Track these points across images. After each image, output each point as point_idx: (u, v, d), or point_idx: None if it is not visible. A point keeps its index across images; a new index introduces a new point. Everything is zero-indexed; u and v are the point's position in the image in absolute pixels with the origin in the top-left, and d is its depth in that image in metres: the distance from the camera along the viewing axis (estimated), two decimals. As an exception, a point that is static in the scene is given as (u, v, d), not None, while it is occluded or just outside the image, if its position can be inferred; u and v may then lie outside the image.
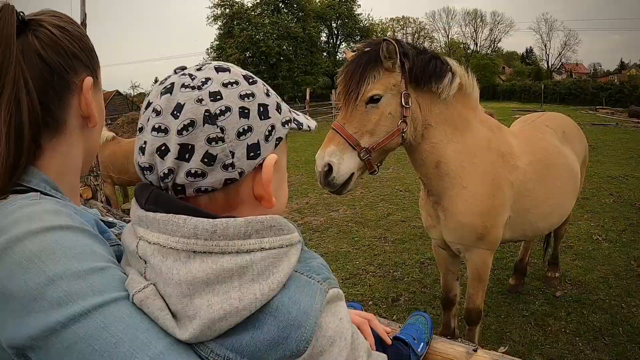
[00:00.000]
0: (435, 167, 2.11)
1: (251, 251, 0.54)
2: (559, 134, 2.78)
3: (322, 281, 0.58)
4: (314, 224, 5.85)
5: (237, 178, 0.57)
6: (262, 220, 0.56)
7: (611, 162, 8.35)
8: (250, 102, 0.58)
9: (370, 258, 4.45)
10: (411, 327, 1.14)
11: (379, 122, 1.87)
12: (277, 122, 0.61)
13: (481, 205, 2.17)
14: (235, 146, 0.56)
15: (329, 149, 1.83)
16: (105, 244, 0.67)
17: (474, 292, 2.42)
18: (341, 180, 1.84)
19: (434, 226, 2.38)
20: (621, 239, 4.39)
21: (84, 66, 0.76)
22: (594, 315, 3.03)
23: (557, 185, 2.52)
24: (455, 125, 2.10)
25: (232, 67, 0.62)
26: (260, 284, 0.52)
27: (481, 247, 2.27)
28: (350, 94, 1.84)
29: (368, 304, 3.51)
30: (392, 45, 1.81)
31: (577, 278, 3.61)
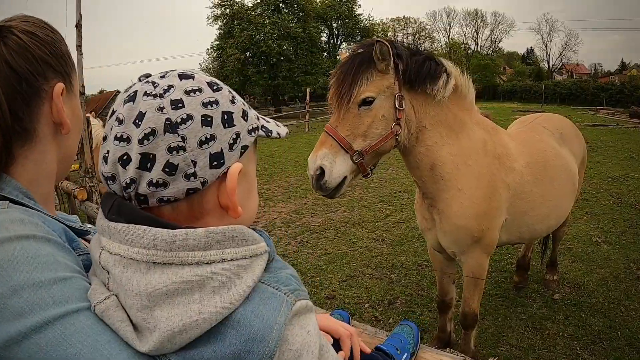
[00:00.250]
0: (430, 169, 2.08)
1: (212, 262, 0.53)
2: (557, 135, 2.75)
3: (290, 293, 0.57)
4: (311, 225, 5.82)
5: (199, 188, 0.56)
6: (224, 231, 0.55)
7: (611, 162, 8.30)
8: (214, 109, 0.57)
9: (368, 260, 4.42)
10: (396, 337, 1.11)
11: (372, 124, 1.84)
12: (243, 130, 0.60)
13: (477, 207, 2.14)
14: (197, 155, 0.54)
15: (320, 152, 1.80)
16: (72, 254, 0.66)
17: (470, 295, 2.39)
18: (333, 184, 1.81)
19: (430, 229, 2.35)
20: (620, 241, 4.36)
21: (54, 72, 0.74)
22: (592, 319, 2.99)
23: (555, 187, 2.48)
24: (451, 127, 2.07)
25: (197, 74, 0.60)
26: (222, 296, 0.52)
27: (477, 250, 2.24)
28: (343, 96, 1.81)
29: (364, 307, 3.48)
30: (385, 46, 1.78)
31: (575, 280, 3.58)
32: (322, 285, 3.97)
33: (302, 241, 5.26)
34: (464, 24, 60.00)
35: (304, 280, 4.12)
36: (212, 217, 0.60)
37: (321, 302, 3.65)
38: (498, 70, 43.02)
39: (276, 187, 8.45)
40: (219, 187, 0.58)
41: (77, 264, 0.65)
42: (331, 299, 3.69)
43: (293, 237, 5.47)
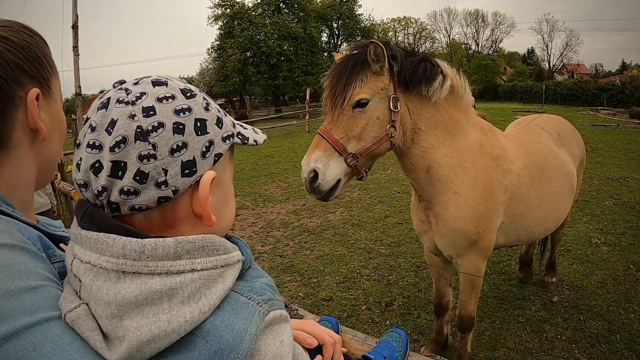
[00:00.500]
0: (426, 172, 2.06)
1: (181, 272, 0.52)
2: (555, 136, 2.73)
3: (263, 302, 0.57)
4: (310, 226, 5.80)
5: (170, 196, 0.55)
6: (193, 241, 0.54)
7: (612, 163, 8.26)
8: (186, 117, 0.56)
9: (366, 261, 4.40)
10: (384, 345, 1.09)
11: (366, 127, 1.82)
12: (217, 138, 0.59)
13: (473, 210, 2.12)
14: (168, 163, 0.54)
15: (314, 154, 1.78)
16: (45, 262, 0.65)
17: (467, 298, 2.37)
18: (327, 186, 1.79)
19: (426, 232, 2.33)
20: (620, 243, 4.33)
21: (29, 77, 0.72)
22: (591, 322, 2.96)
23: (553, 189, 2.46)
24: (447, 129, 2.05)
25: (171, 80, 0.60)
26: (191, 306, 0.51)
27: (474, 253, 2.22)
28: (337, 98, 1.79)
29: (361, 309, 3.46)
30: (379, 48, 1.76)
31: (574, 283, 3.55)
32: (320, 287, 3.95)
33: (300, 242, 5.24)
34: (465, 24, 59.98)
35: (301, 282, 4.11)
36: (185, 225, 0.59)
37: (318, 304, 3.63)
38: (499, 70, 42.96)
39: (275, 187, 8.43)
40: (192, 196, 0.58)
41: (50, 272, 0.64)
42: (328, 301, 3.67)
43: (291, 238, 5.44)
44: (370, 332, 3.13)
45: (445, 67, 2.00)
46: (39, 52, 0.75)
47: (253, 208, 7.13)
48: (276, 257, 4.84)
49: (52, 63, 0.79)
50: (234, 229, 6.15)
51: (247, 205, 7.32)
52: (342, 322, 3.27)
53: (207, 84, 38.50)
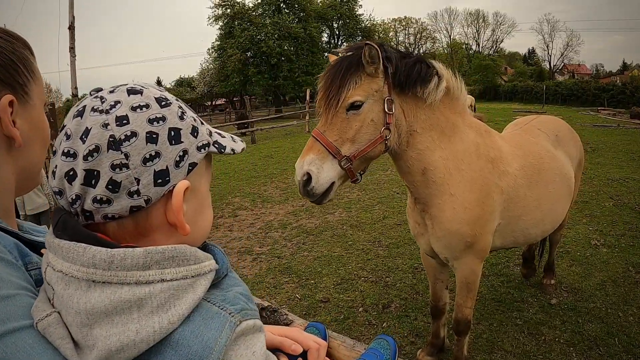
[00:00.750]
0: (422, 174, 2.04)
1: (150, 282, 0.53)
2: (552, 137, 2.71)
3: (235, 312, 0.57)
4: (308, 227, 5.78)
5: (143, 206, 0.56)
6: (163, 251, 0.55)
7: (612, 164, 8.23)
8: (160, 126, 0.57)
9: (363, 262, 4.38)
10: (372, 352, 1.07)
11: (361, 129, 1.80)
12: (191, 147, 0.59)
13: (470, 212, 2.10)
14: (140, 173, 0.55)
15: (308, 157, 1.76)
16: (20, 270, 0.65)
17: (463, 301, 2.35)
18: (321, 189, 1.77)
19: (422, 234, 2.32)
20: (620, 244, 4.30)
21: (2, 84, 0.71)
22: (590, 325, 2.94)
23: (550, 191, 2.44)
24: (442, 131, 2.03)
25: (146, 89, 0.60)
26: (160, 316, 0.52)
27: (470, 256, 2.20)
28: (331, 100, 1.77)
29: (358, 311, 3.44)
30: (374, 49, 1.74)
31: (573, 285, 3.52)
32: (317, 289, 3.93)
33: (298, 243, 5.22)
34: (466, 25, 59.98)
35: (298, 283, 4.09)
36: (160, 235, 0.59)
37: (315, 306, 3.61)
38: (499, 70, 42.90)
39: (274, 188, 8.41)
40: (165, 205, 0.58)
41: (25, 280, 0.63)
42: (325, 303, 3.65)
43: (289, 239, 5.42)
44: (367, 334, 3.11)
45: (441, 68, 1.98)
46: (14, 57, 0.73)
47: (252, 209, 7.11)
48: (274, 258, 4.82)
49: (31, 67, 0.77)
50: (232, 230, 6.13)
51: (246, 206, 7.30)
52: (339, 324, 3.27)
53: (207, 84, 38.51)
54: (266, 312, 1.47)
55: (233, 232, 6.01)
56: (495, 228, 2.26)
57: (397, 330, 3.09)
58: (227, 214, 6.92)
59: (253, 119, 18.15)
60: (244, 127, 17.85)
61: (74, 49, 4.19)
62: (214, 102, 49.00)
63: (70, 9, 4.19)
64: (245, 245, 5.42)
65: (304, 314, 3.51)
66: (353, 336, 3.10)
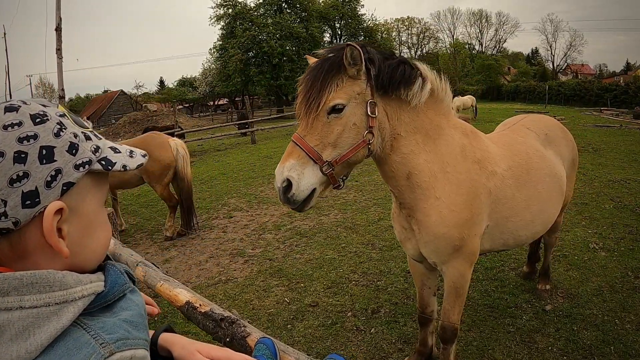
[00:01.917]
0: (407, 178, 1.98)
1: (9, 309, 0.51)
2: (542, 136, 2.65)
3: (110, 342, 0.54)
4: (302, 229, 5.69)
5: (12, 228, 0.54)
6: (21, 277, 0.52)
7: (613, 165, 8.09)
8: (30, 145, 0.54)
9: (355, 266, 4.28)
10: None
11: (343, 133, 1.73)
12: (67, 166, 0.57)
13: (457, 216, 2.04)
14: (7, 194, 0.52)
15: (288, 163, 1.69)
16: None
17: (450, 307, 2.26)
18: (301, 196, 1.70)
19: (409, 239, 2.24)
20: (619, 248, 4.18)
21: None
22: (585, 332, 2.83)
23: (539, 191, 2.38)
24: (427, 134, 1.97)
25: (24, 105, 0.56)
26: (19, 345, 0.50)
27: (459, 260, 2.13)
28: (311, 104, 1.70)
29: (347, 315, 3.35)
30: (356, 50, 1.67)
31: (569, 290, 3.41)
32: (306, 292, 3.84)
33: (291, 245, 5.14)
34: (469, 24, 59.76)
35: (288, 286, 4.00)
36: (41, 257, 0.57)
37: (303, 310, 3.52)
38: (502, 70, 42.66)
39: (271, 189, 8.33)
40: (41, 227, 0.55)
41: None
42: (314, 307, 3.56)
43: (282, 241, 5.34)
44: (354, 340, 3.02)
45: (425, 70, 1.93)
46: None
47: (247, 210, 7.03)
48: (265, 261, 4.74)
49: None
50: (226, 231, 6.05)
51: (242, 207, 7.23)
52: (326, 330, 3.18)
53: (209, 84, 38.53)
54: (225, 323, 1.41)
55: (227, 234, 5.94)
56: (483, 230, 2.19)
57: (384, 337, 3.00)
58: (222, 215, 6.85)
59: (253, 119, 18.07)
60: (244, 127, 17.76)
61: (60, 50, 4.13)
62: (217, 102, 49.04)
63: (57, 11, 4.12)
64: (238, 247, 5.34)
65: (291, 319, 3.42)
66: (340, 342, 3.01)
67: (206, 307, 1.59)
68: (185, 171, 5.93)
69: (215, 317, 1.48)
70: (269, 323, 3.40)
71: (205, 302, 1.64)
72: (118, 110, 49.59)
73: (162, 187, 5.89)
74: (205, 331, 1.54)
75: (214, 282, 4.37)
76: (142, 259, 2.39)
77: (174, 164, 5.85)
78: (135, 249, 5.81)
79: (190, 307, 1.66)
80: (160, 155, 5.80)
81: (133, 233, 6.54)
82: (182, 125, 22.98)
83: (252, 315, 3.55)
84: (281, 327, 3.32)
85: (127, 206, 8.58)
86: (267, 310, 3.62)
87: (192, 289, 4.43)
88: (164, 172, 5.84)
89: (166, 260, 5.21)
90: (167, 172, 5.86)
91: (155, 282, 2.03)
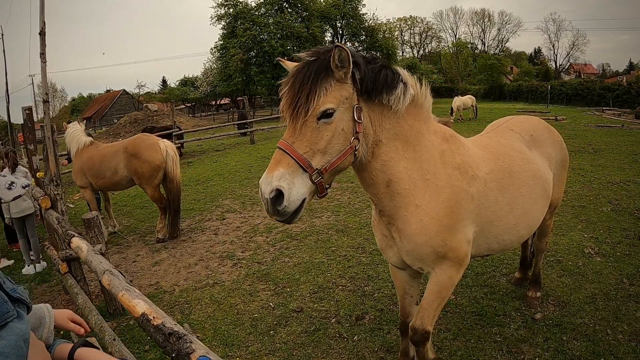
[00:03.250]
0: (386, 186, 1.91)
1: None
2: (526, 137, 2.57)
3: None
4: (293, 232, 5.60)
5: None
6: None
7: (613, 166, 7.94)
8: None
9: (344, 270, 4.19)
10: None
11: (332, 139, 1.64)
12: None
13: (437, 223, 1.97)
14: None
15: (277, 172, 1.56)
16: None
17: (428, 306, 2.15)
18: (292, 207, 1.59)
19: (390, 246, 2.17)
20: (615, 253, 4.06)
21: None
22: (575, 342, 2.72)
23: (522, 194, 2.31)
24: (407, 140, 1.90)
25: None
26: None
27: (446, 264, 2.07)
28: (299, 108, 1.59)
29: (330, 322, 3.26)
30: (344, 52, 1.57)
31: (561, 298, 3.30)
32: (292, 297, 3.75)
33: (280, 248, 5.05)
34: (471, 24, 59.44)
35: (274, 291, 3.92)
36: None
37: (287, 315, 3.44)
38: (504, 70, 42.36)
39: (265, 189, 8.24)
40: None
41: None
42: (298, 312, 3.47)
43: (272, 244, 5.25)
44: (336, 347, 2.93)
45: (405, 75, 1.86)
46: None
47: (240, 212, 6.95)
48: (254, 264, 4.66)
49: None
50: (218, 233, 5.96)
51: (235, 209, 7.15)
52: (309, 336, 3.09)
53: (210, 83, 38.52)
54: (173, 338, 1.35)
55: (218, 236, 5.86)
56: (472, 235, 2.13)
57: (367, 345, 2.91)
58: (215, 217, 6.78)
59: (253, 119, 18.00)
60: (244, 127, 17.68)
61: (44, 54, 4.05)
62: (219, 102, 49.03)
63: (41, 15, 4.05)
64: (228, 249, 5.26)
65: (275, 324, 3.34)
66: (321, 349, 2.92)
67: (159, 320, 1.51)
68: (175, 173, 5.86)
69: (165, 331, 1.41)
70: (252, 329, 3.32)
71: (159, 314, 1.56)
72: (120, 110, 49.70)
73: (152, 189, 5.82)
74: (157, 344, 1.46)
75: (201, 285, 4.29)
76: (109, 267, 2.31)
77: (164, 165, 5.78)
78: (127, 251, 5.75)
79: (144, 319, 1.59)
80: (150, 157, 5.73)
81: (126, 235, 6.47)
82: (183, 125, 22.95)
83: (235, 321, 3.47)
84: (263, 333, 3.23)
85: (123, 207, 8.53)
86: (251, 315, 3.54)
87: (180, 292, 4.37)
88: (153, 174, 5.77)
89: (156, 262, 5.14)
90: (157, 173, 5.79)
91: (118, 291, 1.95)
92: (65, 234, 3.45)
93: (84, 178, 6.09)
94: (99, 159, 5.99)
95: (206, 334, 3.33)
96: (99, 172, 5.94)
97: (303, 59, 1.69)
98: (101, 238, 3.85)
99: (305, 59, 1.68)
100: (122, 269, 5.05)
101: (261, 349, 3.04)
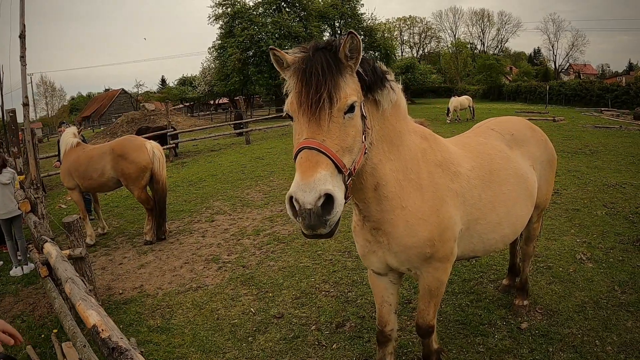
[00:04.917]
0: (374, 190, 1.82)
1: None
2: (507, 137, 2.53)
3: None
4: (281, 234, 5.50)
5: None
6: None
7: (610, 168, 7.84)
8: None
9: (328, 275, 4.09)
10: None
11: (356, 135, 1.48)
12: None
13: (424, 223, 1.91)
14: None
15: (318, 174, 1.30)
16: None
17: (425, 307, 2.19)
18: (339, 216, 1.34)
19: (374, 251, 2.09)
20: (608, 259, 3.95)
21: None
22: (561, 354, 2.62)
23: (504, 193, 2.26)
24: (392, 141, 1.81)
25: None
26: None
27: (434, 264, 2.02)
28: (323, 101, 1.38)
29: (310, 329, 3.15)
30: (356, 39, 1.41)
31: (549, 306, 3.19)
32: (274, 302, 3.65)
33: (266, 252, 4.94)
34: (470, 24, 59.43)
35: (257, 296, 3.81)
36: None
37: (267, 322, 3.33)
38: (503, 70, 42.25)
39: (257, 191, 8.15)
40: None
41: None
42: (279, 318, 3.37)
43: (259, 247, 5.15)
44: (314, 355, 2.83)
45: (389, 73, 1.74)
46: None
47: (230, 213, 6.85)
48: (239, 268, 4.55)
49: None
50: (205, 236, 5.86)
51: (225, 210, 7.04)
52: (287, 343, 2.98)
53: (208, 83, 38.41)
54: (116, 353, 1.26)
55: (205, 238, 5.76)
56: (457, 233, 2.07)
57: (346, 353, 2.80)
58: (204, 219, 6.67)
59: (249, 119, 17.89)
60: (240, 127, 17.58)
61: (24, 57, 3.96)
62: (218, 101, 48.95)
63: (21, 18, 3.97)
64: (214, 252, 5.16)
65: (254, 330, 3.24)
66: (299, 357, 2.82)
67: (107, 332, 1.42)
68: (161, 173, 5.77)
69: (110, 344, 1.33)
70: (231, 335, 3.21)
71: (109, 326, 1.47)
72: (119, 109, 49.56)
73: (139, 190, 5.73)
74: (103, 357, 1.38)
75: (185, 289, 4.19)
76: (73, 274, 2.22)
77: (150, 166, 5.69)
78: (114, 253, 5.65)
79: (95, 331, 1.51)
80: (136, 158, 5.65)
81: (114, 236, 6.37)
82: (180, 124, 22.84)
83: (215, 326, 3.36)
84: (242, 340, 3.13)
85: (114, 208, 8.43)
86: (231, 320, 3.44)
87: (163, 296, 4.26)
88: (140, 175, 5.68)
89: (142, 265, 5.04)
90: (144, 174, 5.70)
91: (75, 300, 1.86)
92: (39, 239, 3.35)
93: (72, 179, 6.00)
94: (85, 160, 5.89)
95: (185, 339, 3.23)
96: (86, 173, 5.85)
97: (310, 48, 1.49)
98: (82, 241, 3.75)
99: (311, 47, 1.49)
100: (107, 271, 4.95)
101: (238, 355, 2.94)
